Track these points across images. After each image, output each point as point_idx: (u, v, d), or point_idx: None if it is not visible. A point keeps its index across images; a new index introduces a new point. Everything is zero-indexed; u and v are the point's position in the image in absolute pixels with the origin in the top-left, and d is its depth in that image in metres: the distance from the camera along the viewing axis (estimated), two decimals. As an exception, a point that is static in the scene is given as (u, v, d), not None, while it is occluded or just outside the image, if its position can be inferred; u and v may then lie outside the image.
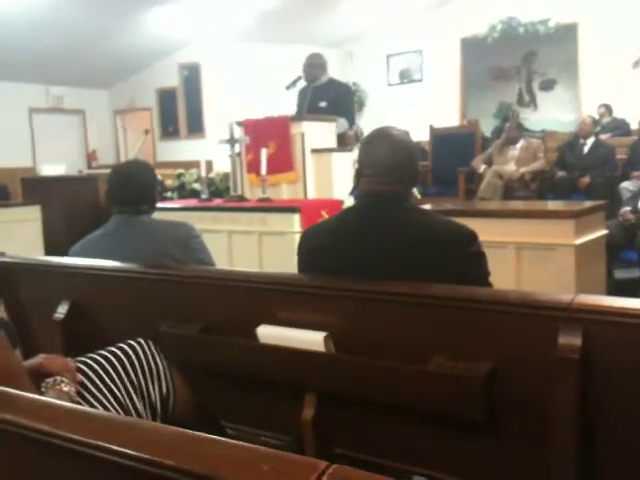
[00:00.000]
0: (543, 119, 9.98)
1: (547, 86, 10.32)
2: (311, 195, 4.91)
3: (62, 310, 2.23)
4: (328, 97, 5.46)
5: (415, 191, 3.94)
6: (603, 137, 7.68)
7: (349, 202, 4.53)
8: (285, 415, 1.86)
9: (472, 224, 1.98)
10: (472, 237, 1.84)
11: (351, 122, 5.71)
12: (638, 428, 1.43)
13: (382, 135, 1.95)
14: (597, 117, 8.53)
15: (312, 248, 1.99)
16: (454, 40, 10.64)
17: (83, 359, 1.67)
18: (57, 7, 8.14)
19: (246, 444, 0.81)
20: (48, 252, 5.50)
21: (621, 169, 6.72)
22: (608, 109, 8.88)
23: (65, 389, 1.51)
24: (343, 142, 5.39)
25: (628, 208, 4.81)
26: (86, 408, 1.01)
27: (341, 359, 1.74)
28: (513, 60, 10.41)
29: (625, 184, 6.21)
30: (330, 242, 1.93)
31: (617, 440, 1.47)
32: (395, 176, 1.88)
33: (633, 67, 9.36)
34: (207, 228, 4.37)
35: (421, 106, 10.47)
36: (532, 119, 10.00)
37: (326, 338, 1.74)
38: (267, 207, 4.43)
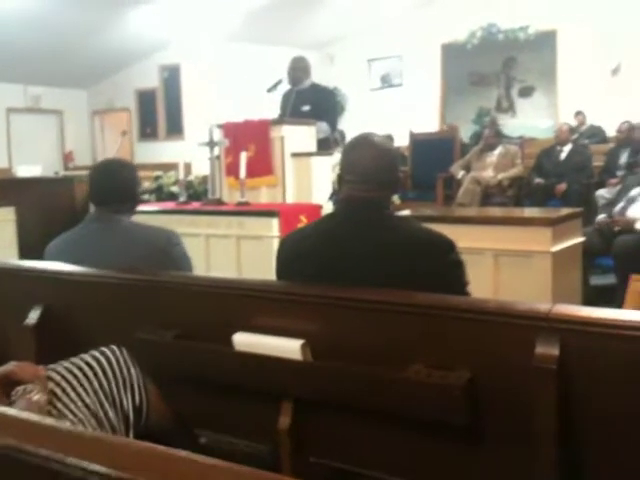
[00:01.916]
0: (521, 125, 10.07)
1: (526, 92, 10.42)
2: (290, 199, 4.89)
3: (34, 315, 2.18)
4: (311, 101, 5.46)
5: (395, 196, 3.94)
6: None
7: (328, 207, 4.53)
8: (261, 423, 1.84)
9: (450, 231, 1.98)
10: (450, 246, 1.84)
11: (333, 127, 5.71)
12: (616, 435, 1.44)
13: (364, 142, 1.95)
14: (574, 124, 8.62)
15: (291, 254, 1.97)
16: (434, 46, 10.71)
17: (54, 367, 1.63)
18: (36, 6, 8.06)
19: (220, 462, 0.79)
20: (23, 254, 5.43)
21: (597, 176, 6.79)
22: (583, 116, 8.99)
23: (35, 398, 1.48)
24: (324, 146, 5.39)
25: (604, 215, 4.86)
26: (53, 421, 0.98)
27: (318, 367, 1.73)
28: (492, 66, 10.50)
29: (601, 191, 6.29)
30: (310, 248, 1.92)
31: (596, 447, 1.47)
32: (376, 183, 1.87)
33: (611, 75, 9.47)
34: (184, 231, 4.30)
35: (401, 111, 10.51)
36: (510, 125, 10.09)
37: (303, 346, 1.72)
38: (245, 211, 4.41)
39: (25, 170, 8.07)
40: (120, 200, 2.43)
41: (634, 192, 4.81)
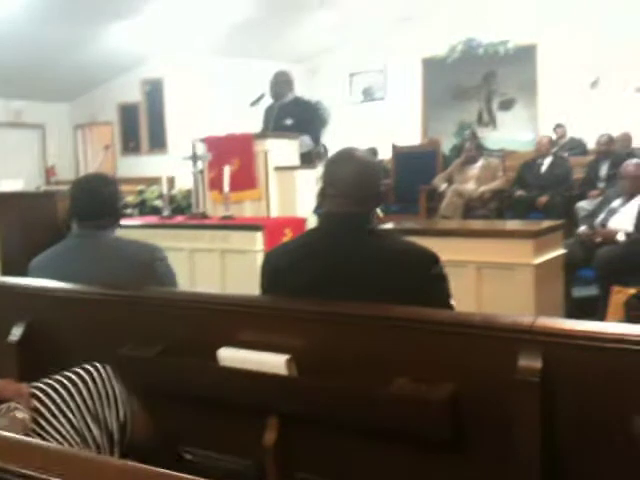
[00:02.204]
0: (502, 138, 10.17)
1: (506, 106, 10.53)
2: (274, 213, 4.89)
3: (17, 332, 2.17)
4: (294, 115, 5.47)
5: (377, 210, 3.96)
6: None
7: (313, 220, 4.54)
8: (246, 439, 1.84)
9: (433, 244, 2.00)
10: (434, 260, 1.85)
11: (316, 140, 5.73)
12: (599, 446, 1.45)
13: (347, 156, 1.95)
14: (555, 137, 8.72)
15: (275, 268, 1.97)
16: (415, 60, 10.80)
17: (38, 384, 1.62)
18: (17, 20, 8.03)
19: None
20: (4, 270, 5.37)
21: (578, 188, 6.86)
22: (563, 129, 9.10)
23: (19, 416, 1.47)
24: (307, 160, 5.40)
25: (584, 227, 4.91)
26: (35, 440, 0.97)
27: (303, 382, 1.73)
28: (473, 80, 10.61)
29: (582, 203, 6.35)
30: (293, 262, 1.92)
31: (579, 457, 1.48)
32: (359, 197, 1.88)
33: (590, 87, 9.60)
34: (168, 246, 4.28)
35: (384, 124, 10.57)
36: (491, 138, 10.18)
37: (288, 361, 1.73)
38: (230, 225, 4.40)
39: (6, 184, 8.00)
40: (102, 215, 2.43)
41: (615, 204, 4.87)
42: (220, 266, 4.24)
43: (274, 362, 1.73)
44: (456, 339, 1.57)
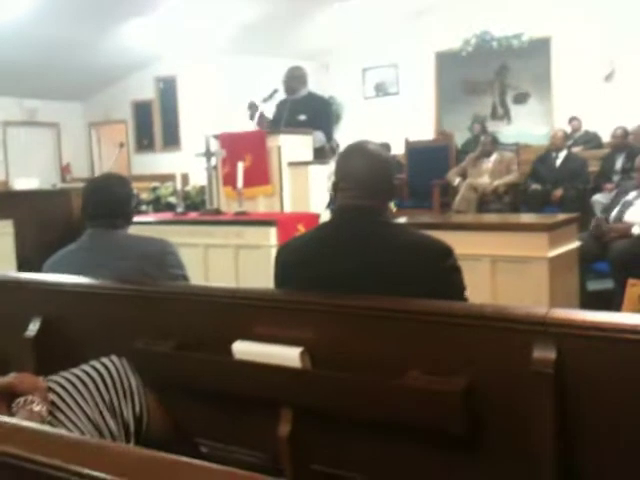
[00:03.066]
0: (517, 132, 10.11)
1: (520, 99, 10.46)
2: (288, 208, 4.91)
3: (34, 327, 2.19)
4: (307, 110, 5.46)
5: (391, 204, 3.96)
6: (575, 150, 7.79)
7: (325, 215, 4.54)
8: (261, 432, 1.85)
9: (447, 237, 1.99)
10: (448, 252, 1.84)
11: (329, 136, 5.72)
12: (614, 438, 1.45)
13: (358, 149, 1.95)
14: (569, 130, 8.66)
15: (289, 262, 1.98)
16: (429, 54, 10.76)
17: (54, 378, 1.64)
18: (31, 19, 8.08)
19: (221, 467, 0.79)
20: (20, 267, 5.42)
21: (593, 182, 6.82)
22: (578, 122, 9.03)
23: (36, 409, 1.48)
24: (320, 155, 5.40)
25: (595, 221, 4.89)
26: (55, 430, 0.99)
27: (317, 375, 1.73)
28: (487, 74, 10.55)
29: (597, 197, 6.31)
30: (307, 256, 1.93)
31: (595, 451, 1.48)
32: (371, 191, 1.88)
33: (605, 80, 9.52)
34: (183, 242, 4.33)
35: (397, 119, 10.55)
36: (506, 132, 10.13)
37: (302, 353, 1.73)
38: (243, 220, 4.42)
39: (22, 183, 8.08)
40: (114, 215, 2.47)
41: (630, 196, 4.83)
42: (234, 261, 4.26)
43: (288, 355, 1.74)
44: (469, 331, 1.57)
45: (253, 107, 5.50)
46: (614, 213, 4.82)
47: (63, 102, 11.21)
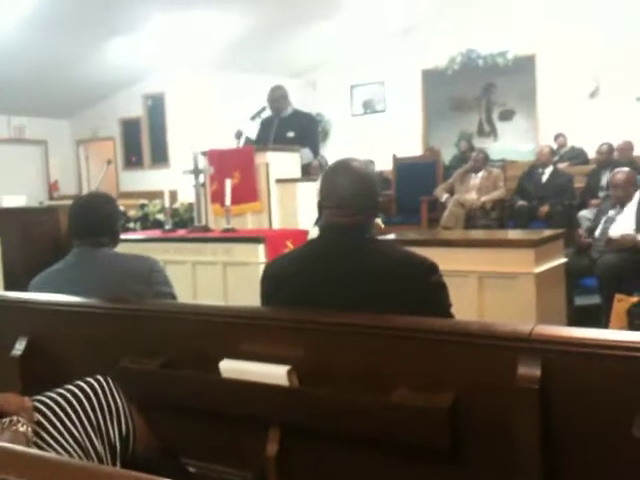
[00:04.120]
0: (503, 149, 10.21)
1: (506, 116, 10.57)
2: (276, 225, 4.91)
3: (20, 346, 2.18)
4: (295, 127, 5.51)
5: (379, 220, 3.98)
6: (561, 166, 7.86)
7: (314, 232, 4.55)
8: (248, 451, 1.84)
9: (435, 254, 2.01)
10: (433, 268, 1.85)
11: (316, 152, 5.77)
12: (598, 453, 1.45)
13: (343, 167, 1.97)
14: (555, 146, 8.74)
15: (275, 279, 1.98)
16: (415, 72, 10.85)
17: (40, 398, 1.63)
18: (19, 37, 8.09)
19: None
20: (7, 285, 5.39)
21: (579, 197, 6.87)
22: (564, 138, 9.12)
23: (22, 429, 1.47)
24: (308, 172, 5.43)
25: (584, 234, 4.96)
26: (40, 452, 0.98)
27: (305, 393, 1.73)
28: (473, 91, 10.66)
29: (584, 212, 6.36)
30: (293, 273, 1.93)
31: (579, 465, 1.48)
32: (356, 208, 1.89)
33: (589, 97, 9.63)
34: (171, 259, 4.34)
35: (384, 136, 10.61)
36: (492, 149, 10.21)
37: (289, 372, 1.73)
38: (231, 237, 4.42)
39: (9, 200, 8.03)
40: (100, 234, 2.46)
41: (611, 213, 4.90)
42: (222, 278, 4.25)
43: (275, 373, 1.74)
44: (455, 348, 1.57)
45: (240, 135, 5.55)
46: (598, 232, 4.89)
47: (51, 119, 11.20)
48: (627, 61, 9.02)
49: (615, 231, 4.74)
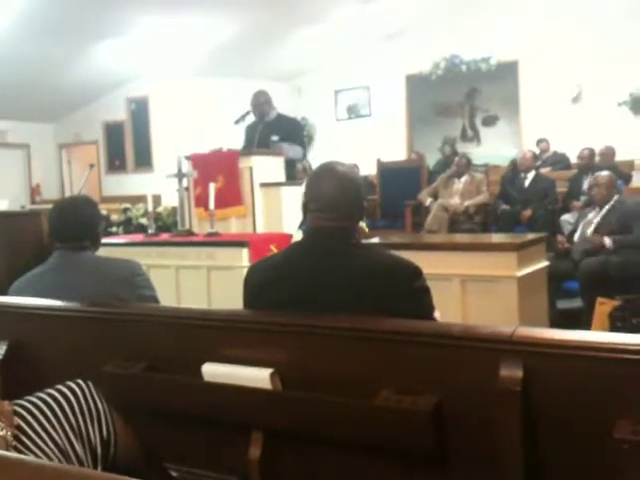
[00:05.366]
0: (486, 154, 10.26)
1: (489, 121, 10.63)
2: (260, 229, 4.91)
3: (0, 351, 2.15)
4: (279, 131, 5.52)
5: (363, 225, 3.99)
6: (544, 171, 7.92)
7: (298, 236, 4.55)
8: (231, 455, 1.83)
9: (418, 257, 2.01)
10: (417, 272, 1.86)
11: (304, 154, 5.79)
12: (580, 454, 1.46)
13: (327, 171, 1.97)
14: (538, 151, 8.81)
15: (258, 282, 1.98)
16: (400, 77, 10.90)
17: (20, 402, 1.61)
18: (2, 41, 8.03)
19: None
20: (-12, 290, 5.33)
21: (562, 202, 6.93)
22: (547, 143, 9.19)
23: (1, 433, 1.45)
24: (292, 175, 5.44)
25: (563, 238, 5.06)
26: (19, 455, 0.97)
27: (288, 396, 1.73)
28: (456, 96, 10.71)
29: (566, 217, 6.42)
30: (277, 277, 1.93)
31: (561, 466, 1.49)
32: (341, 212, 1.89)
33: (572, 102, 9.73)
34: (154, 263, 4.32)
35: (369, 141, 10.64)
36: (476, 154, 10.25)
37: (272, 375, 1.73)
38: (215, 241, 4.41)
39: (-9, 204, 7.96)
40: (81, 237, 2.45)
41: (590, 216, 4.99)
42: (206, 283, 4.24)
43: (258, 376, 1.73)
44: (438, 350, 1.58)
45: (243, 118, 5.61)
46: (577, 234, 4.96)
47: (34, 123, 11.12)
48: (609, 66, 9.12)
49: (591, 233, 4.83)
